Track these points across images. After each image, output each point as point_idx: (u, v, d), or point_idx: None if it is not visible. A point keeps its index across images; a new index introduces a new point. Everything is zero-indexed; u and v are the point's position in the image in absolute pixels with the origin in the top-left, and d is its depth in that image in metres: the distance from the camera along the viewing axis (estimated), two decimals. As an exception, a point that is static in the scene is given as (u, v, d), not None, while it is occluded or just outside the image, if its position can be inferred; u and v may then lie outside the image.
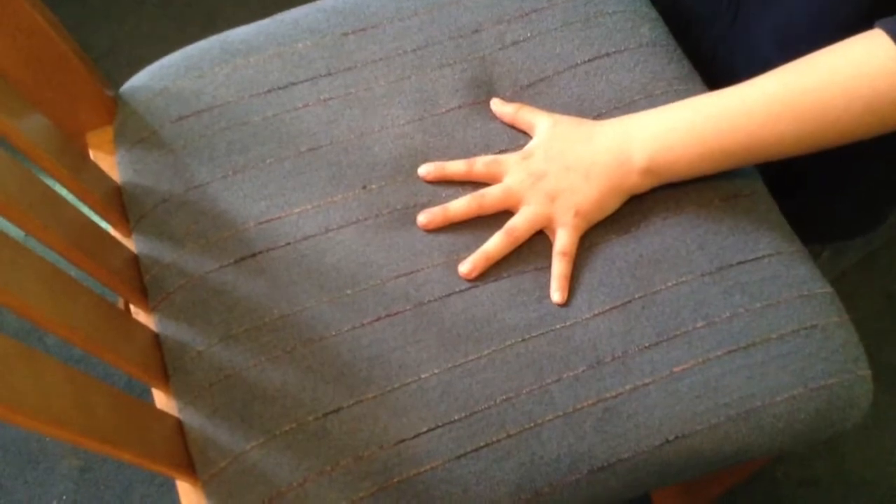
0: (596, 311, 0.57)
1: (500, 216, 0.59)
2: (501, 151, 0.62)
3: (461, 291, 0.57)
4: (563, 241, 0.58)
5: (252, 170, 0.61)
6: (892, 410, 1.09)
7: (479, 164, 0.60)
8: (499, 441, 0.53)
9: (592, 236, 0.59)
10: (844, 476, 1.06)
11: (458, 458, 0.52)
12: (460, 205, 0.59)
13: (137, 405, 0.50)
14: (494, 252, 0.58)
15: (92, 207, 0.60)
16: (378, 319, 0.56)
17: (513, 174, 0.59)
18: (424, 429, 0.53)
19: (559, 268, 0.57)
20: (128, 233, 0.62)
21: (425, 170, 0.61)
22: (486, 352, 0.55)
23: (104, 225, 0.61)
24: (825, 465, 1.06)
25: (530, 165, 0.59)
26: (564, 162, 0.59)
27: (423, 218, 0.59)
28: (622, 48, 0.66)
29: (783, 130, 0.54)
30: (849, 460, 1.06)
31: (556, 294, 0.57)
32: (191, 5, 1.36)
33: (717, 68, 0.66)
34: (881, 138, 0.53)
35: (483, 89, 0.65)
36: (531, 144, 0.61)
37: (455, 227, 0.59)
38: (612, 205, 0.59)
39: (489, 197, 0.59)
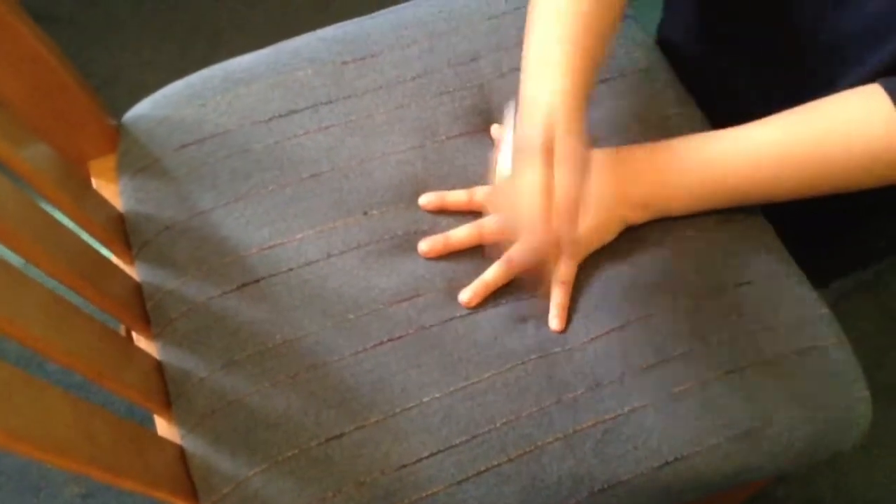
0: (594, 335, 0.57)
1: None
2: (501, 178, 0.63)
3: (462, 316, 0.58)
4: (562, 269, 0.58)
5: (254, 197, 0.62)
6: (894, 429, 1.09)
7: (480, 194, 0.61)
8: (500, 465, 0.53)
9: (590, 260, 0.60)
10: (846, 495, 1.05)
11: (460, 482, 0.53)
12: (461, 233, 0.59)
13: (139, 432, 0.50)
14: (494, 281, 0.58)
15: (94, 235, 0.60)
16: (380, 344, 0.56)
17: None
18: (426, 454, 0.53)
19: (557, 296, 0.58)
20: (130, 261, 0.63)
21: (426, 199, 0.61)
22: (486, 375, 0.56)
23: (106, 253, 0.61)
24: (827, 483, 1.06)
25: None
26: (562, 190, 0.59)
27: (424, 246, 0.59)
28: (616, 74, 0.67)
29: (781, 178, 0.55)
30: (851, 479, 1.06)
31: (555, 322, 0.57)
32: (192, 31, 1.37)
33: None
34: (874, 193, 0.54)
35: (482, 117, 0.65)
36: (530, 172, 0.62)
37: (455, 254, 0.60)
38: (610, 234, 0.59)
39: (489, 226, 0.59)
